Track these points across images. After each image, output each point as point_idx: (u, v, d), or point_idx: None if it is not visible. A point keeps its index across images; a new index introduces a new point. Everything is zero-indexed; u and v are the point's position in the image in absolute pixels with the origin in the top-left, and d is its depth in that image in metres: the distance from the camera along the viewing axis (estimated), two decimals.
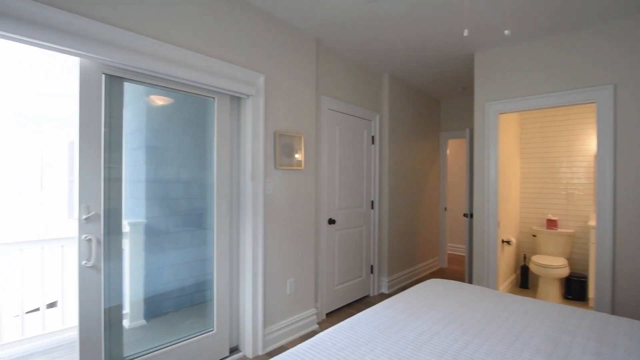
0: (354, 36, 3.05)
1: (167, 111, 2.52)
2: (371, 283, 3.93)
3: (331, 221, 3.33)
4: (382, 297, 3.91)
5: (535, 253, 4.18)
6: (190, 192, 2.67)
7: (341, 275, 3.51)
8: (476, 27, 2.80)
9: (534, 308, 1.89)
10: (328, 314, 3.35)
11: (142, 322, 2.33)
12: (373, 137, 3.92)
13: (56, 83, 3.69)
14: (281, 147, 2.70)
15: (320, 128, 3.21)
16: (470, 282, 3.94)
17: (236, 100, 2.56)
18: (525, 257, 4.23)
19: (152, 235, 2.44)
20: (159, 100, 2.42)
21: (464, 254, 6.12)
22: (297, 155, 2.83)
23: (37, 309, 2.90)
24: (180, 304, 2.61)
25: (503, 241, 3.65)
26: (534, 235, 4.12)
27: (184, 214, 2.67)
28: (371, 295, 3.93)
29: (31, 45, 1.57)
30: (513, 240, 3.97)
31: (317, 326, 3.06)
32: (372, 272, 3.93)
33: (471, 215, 4.02)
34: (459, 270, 5.18)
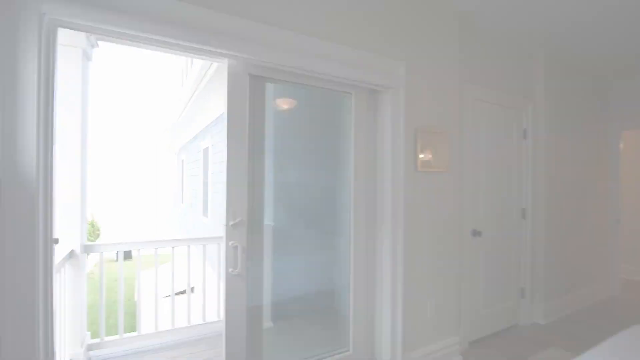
0: (504, 9, 2.47)
1: (296, 113, 2.42)
2: (522, 309, 3.21)
3: (475, 233, 2.79)
4: (537, 328, 3.15)
5: None
6: (319, 195, 2.53)
7: (486, 297, 2.92)
8: None
9: None
10: (471, 343, 2.81)
11: (270, 324, 2.30)
12: (525, 130, 3.20)
13: (198, 94, 4.06)
14: (422, 146, 2.32)
15: (464, 122, 2.70)
16: None
17: (373, 94, 2.29)
18: None
19: (280, 238, 2.38)
20: (285, 104, 2.33)
21: None
22: (440, 155, 2.41)
23: (184, 291, 3.21)
24: (304, 309, 2.50)
25: None
26: None
27: (310, 218, 2.56)
28: (521, 324, 3.21)
29: (190, 51, 1.57)
30: None
31: (460, 357, 2.57)
32: (522, 296, 3.21)
33: None
34: None
